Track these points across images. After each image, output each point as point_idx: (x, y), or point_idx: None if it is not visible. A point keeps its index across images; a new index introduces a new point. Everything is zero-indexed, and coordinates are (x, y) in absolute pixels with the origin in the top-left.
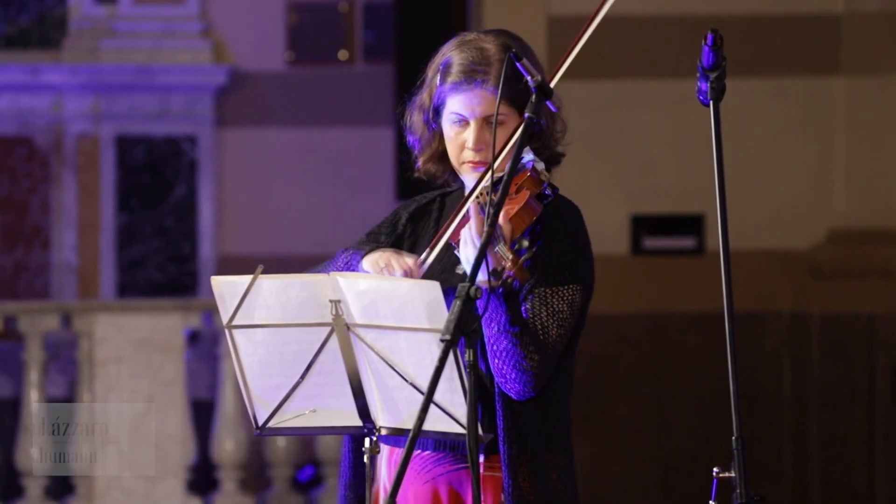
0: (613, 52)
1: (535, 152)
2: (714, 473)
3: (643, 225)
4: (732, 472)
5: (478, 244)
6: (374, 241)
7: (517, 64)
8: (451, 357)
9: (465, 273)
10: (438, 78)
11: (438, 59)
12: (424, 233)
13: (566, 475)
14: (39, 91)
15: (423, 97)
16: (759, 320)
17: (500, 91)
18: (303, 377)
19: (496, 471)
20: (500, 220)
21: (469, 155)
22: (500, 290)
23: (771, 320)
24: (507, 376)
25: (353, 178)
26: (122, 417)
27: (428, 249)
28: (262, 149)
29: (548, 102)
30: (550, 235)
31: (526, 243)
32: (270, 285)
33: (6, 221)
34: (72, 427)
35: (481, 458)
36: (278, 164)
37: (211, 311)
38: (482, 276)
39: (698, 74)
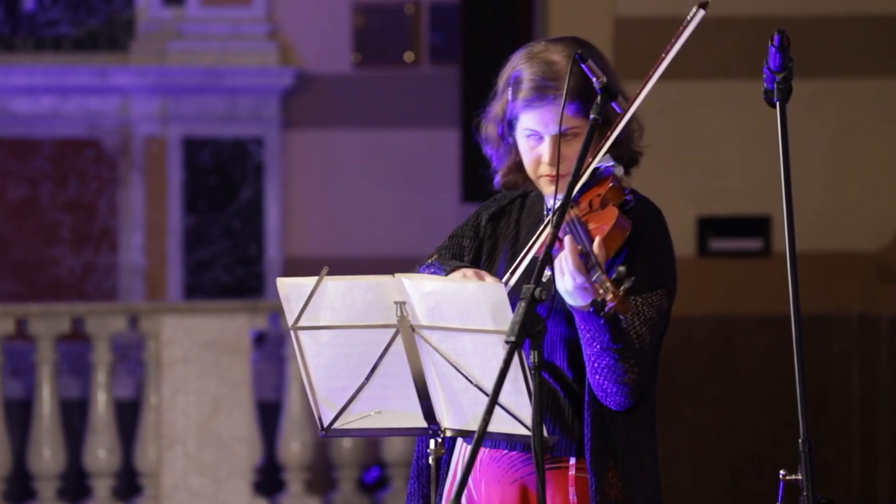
0: (679, 54)
1: (616, 158)
2: (781, 476)
3: (709, 226)
4: (799, 474)
5: (576, 278)
6: (456, 244)
7: (582, 66)
8: (516, 359)
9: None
10: (510, 92)
11: (508, 72)
12: (504, 234)
13: (652, 478)
14: (107, 93)
15: (497, 110)
16: (827, 322)
17: (563, 104)
18: (368, 379)
19: (586, 472)
20: (595, 246)
21: (546, 169)
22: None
23: (839, 322)
24: (608, 391)
25: (419, 180)
26: (189, 418)
27: (509, 273)
28: (328, 151)
29: (613, 104)
30: (635, 240)
31: (623, 270)
32: (336, 287)
33: (74, 223)
34: (139, 428)
35: (572, 460)
36: (344, 166)
37: (277, 312)
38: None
39: (765, 76)
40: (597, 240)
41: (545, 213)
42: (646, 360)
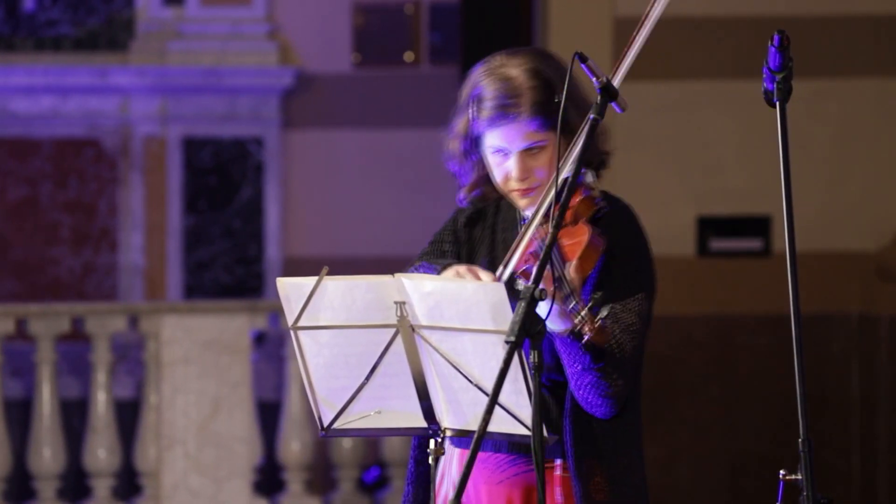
0: (679, 53)
1: (586, 163)
2: (780, 476)
3: (709, 226)
4: (799, 474)
5: (551, 304)
6: (438, 249)
7: (583, 66)
8: (515, 358)
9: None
10: (472, 110)
11: (468, 88)
12: (480, 239)
13: (639, 478)
14: (107, 93)
15: (460, 127)
16: (827, 322)
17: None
18: (368, 379)
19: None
20: (570, 271)
21: (515, 184)
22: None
23: (839, 322)
24: (593, 403)
25: (419, 180)
26: (189, 418)
27: (502, 267)
28: (328, 151)
29: (613, 103)
30: (609, 248)
31: (600, 297)
32: (336, 287)
33: (74, 223)
34: (139, 428)
35: (558, 461)
36: (344, 166)
37: (277, 312)
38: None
39: (765, 76)
40: (571, 265)
41: (521, 221)
42: (628, 368)
